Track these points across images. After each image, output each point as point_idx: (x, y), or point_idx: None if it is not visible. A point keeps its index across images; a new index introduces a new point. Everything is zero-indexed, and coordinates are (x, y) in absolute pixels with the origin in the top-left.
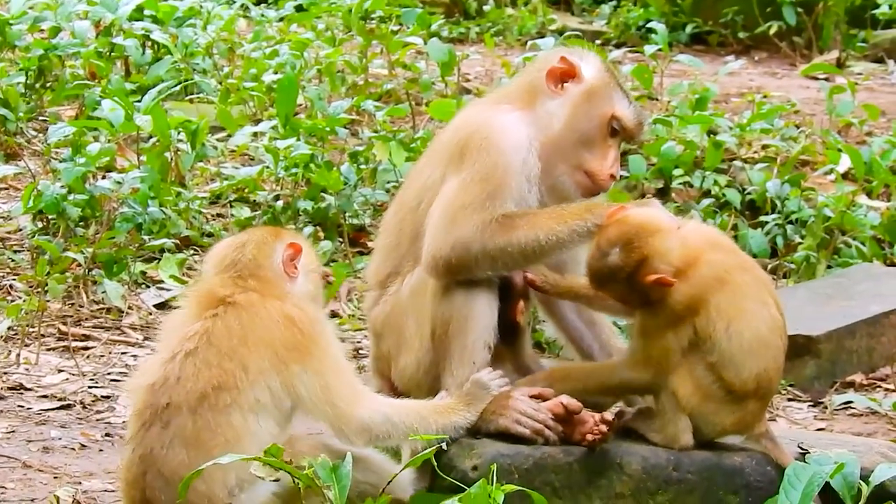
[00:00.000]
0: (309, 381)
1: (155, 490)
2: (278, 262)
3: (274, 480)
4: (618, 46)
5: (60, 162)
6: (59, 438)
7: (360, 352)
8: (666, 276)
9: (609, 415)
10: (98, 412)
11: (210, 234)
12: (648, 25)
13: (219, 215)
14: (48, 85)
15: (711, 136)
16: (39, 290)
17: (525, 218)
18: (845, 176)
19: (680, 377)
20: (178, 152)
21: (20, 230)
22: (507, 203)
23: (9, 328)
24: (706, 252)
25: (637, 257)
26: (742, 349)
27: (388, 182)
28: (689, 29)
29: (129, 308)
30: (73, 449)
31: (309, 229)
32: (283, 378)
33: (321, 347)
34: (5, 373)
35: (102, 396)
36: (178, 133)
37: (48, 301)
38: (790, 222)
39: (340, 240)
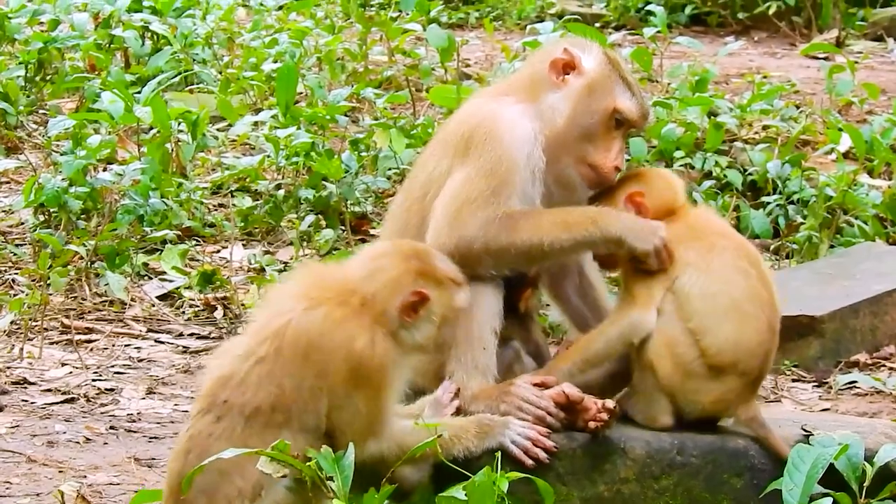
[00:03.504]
0: (346, 409)
1: (192, 469)
2: (396, 305)
3: (281, 476)
4: (617, 29)
5: (61, 155)
6: (64, 432)
7: None
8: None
9: (611, 402)
10: (102, 405)
11: (212, 225)
12: (647, 7)
13: (220, 205)
14: (48, 78)
15: (712, 117)
16: (42, 283)
17: (530, 220)
18: (846, 155)
19: (659, 354)
20: (179, 143)
21: (22, 224)
22: (512, 198)
23: (12, 322)
24: (687, 211)
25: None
26: (716, 312)
27: (390, 169)
28: (688, 10)
29: (132, 300)
30: (78, 443)
31: (311, 218)
32: (329, 402)
33: (372, 386)
34: (9, 367)
35: (106, 389)
36: (179, 124)
37: (51, 294)
38: (792, 202)
39: (342, 228)
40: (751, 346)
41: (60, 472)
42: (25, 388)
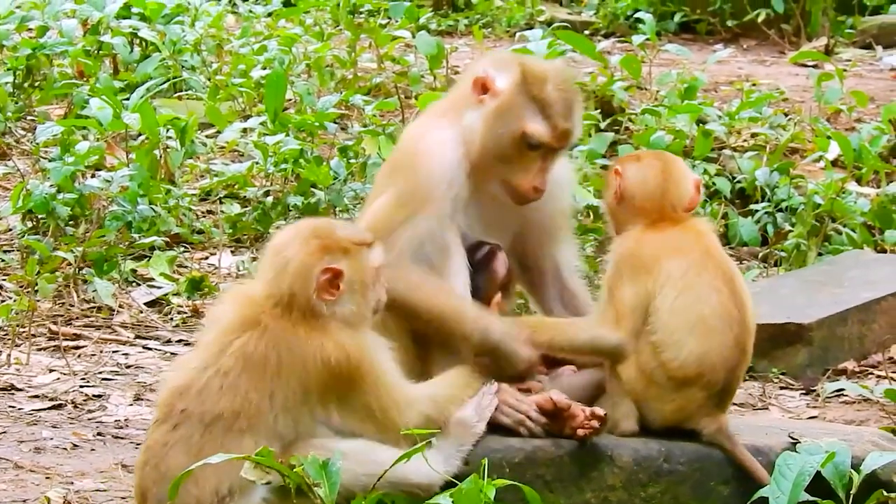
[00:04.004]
0: (348, 411)
1: (148, 481)
2: (313, 289)
3: (265, 483)
4: (606, 36)
5: (49, 161)
6: (51, 438)
7: None
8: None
9: (600, 409)
10: (89, 412)
11: (200, 231)
12: (636, 15)
13: (209, 212)
14: (36, 84)
15: (700, 125)
16: (29, 289)
17: (424, 287)
18: (835, 163)
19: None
20: (168, 150)
21: (10, 230)
22: (422, 225)
23: None
24: (686, 221)
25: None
26: (681, 327)
27: None
28: (677, 18)
29: (120, 307)
30: (65, 449)
31: None
32: (315, 412)
33: (362, 379)
34: None
35: (94, 396)
36: (167, 130)
37: (38, 301)
38: (780, 210)
39: None
40: (715, 361)
41: (47, 478)
42: (13, 394)
